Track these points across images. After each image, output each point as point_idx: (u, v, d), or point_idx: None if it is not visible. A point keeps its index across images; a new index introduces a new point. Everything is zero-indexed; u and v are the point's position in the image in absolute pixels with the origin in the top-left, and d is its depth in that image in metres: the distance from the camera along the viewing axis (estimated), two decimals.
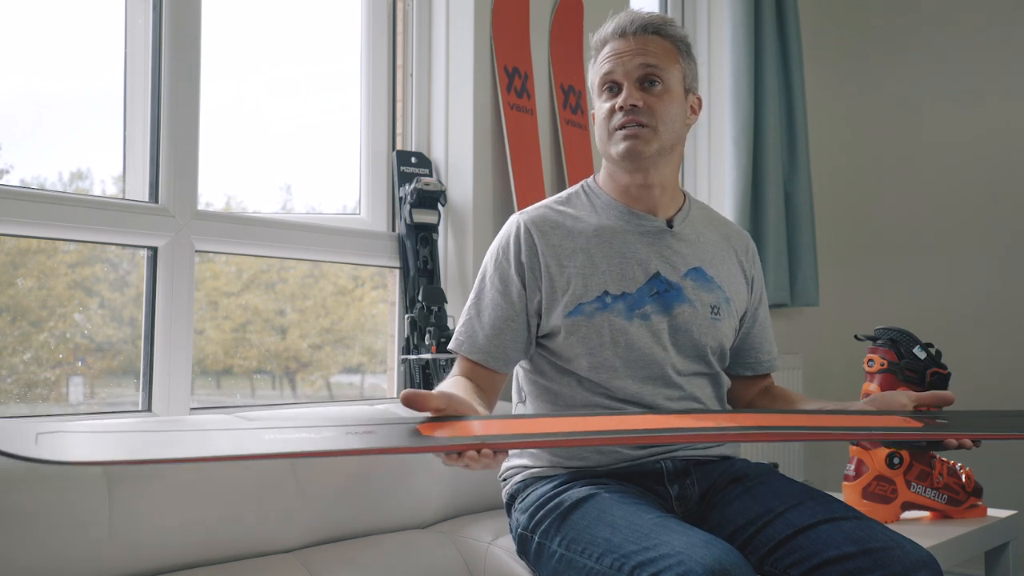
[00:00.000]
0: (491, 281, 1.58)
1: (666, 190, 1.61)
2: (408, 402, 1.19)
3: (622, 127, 1.53)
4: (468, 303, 1.60)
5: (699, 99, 1.64)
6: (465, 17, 2.30)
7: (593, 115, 1.63)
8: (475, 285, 1.61)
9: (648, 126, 1.53)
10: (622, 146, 1.54)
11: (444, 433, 1.17)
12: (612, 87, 1.56)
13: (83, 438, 1.03)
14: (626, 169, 1.57)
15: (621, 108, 1.53)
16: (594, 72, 1.60)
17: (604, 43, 1.58)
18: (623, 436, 1.30)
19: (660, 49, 1.55)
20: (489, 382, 1.56)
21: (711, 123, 3.26)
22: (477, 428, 1.21)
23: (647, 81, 1.54)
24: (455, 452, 1.14)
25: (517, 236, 1.57)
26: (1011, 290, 3.24)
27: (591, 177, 1.68)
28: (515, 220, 1.60)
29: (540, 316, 1.56)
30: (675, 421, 1.39)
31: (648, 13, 1.58)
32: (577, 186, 1.68)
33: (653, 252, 1.58)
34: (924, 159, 3.43)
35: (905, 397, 1.48)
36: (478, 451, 1.13)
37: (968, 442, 1.39)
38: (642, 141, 1.53)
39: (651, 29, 1.55)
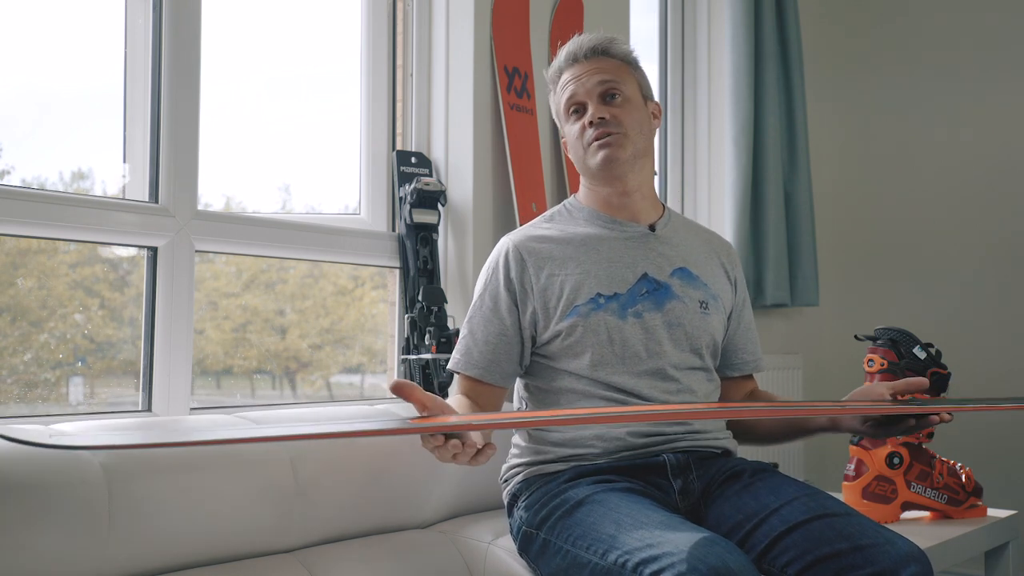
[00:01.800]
0: (482, 300, 1.65)
1: (645, 197, 1.70)
2: (396, 390, 1.25)
3: (595, 139, 1.62)
4: (463, 325, 1.67)
5: (658, 105, 1.73)
6: (465, 17, 2.30)
7: (564, 141, 1.73)
8: (469, 308, 1.67)
9: (618, 133, 1.62)
10: (599, 156, 1.62)
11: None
12: (578, 109, 1.66)
13: (94, 435, 1.08)
14: (605, 179, 1.65)
15: (591, 123, 1.62)
16: (557, 101, 1.70)
17: (560, 73, 1.69)
18: (607, 416, 1.41)
19: (611, 66, 1.66)
20: (488, 398, 1.62)
21: (711, 123, 3.26)
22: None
23: (608, 95, 1.64)
24: (441, 437, 1.21)
25: (506, 256, 1.64)
26: (1011, 290, 3.24)
27: (571, 196, 1.76)
28: (503, 242, 1.68)
29: (535, 328, 1.61)
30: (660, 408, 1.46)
31: (593, 36, 1.68)
32: (558, 206, 1.76)
33: (639, 255, 1.65)
34: (924, 159, 3.43)
35: (882, 387, 1.52)
36: (462, 443, 1.22)
37: (946, 415, 1.44)
38: (616, 147, 1.62)
39: (599, 50, 1.66)
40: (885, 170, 3.51)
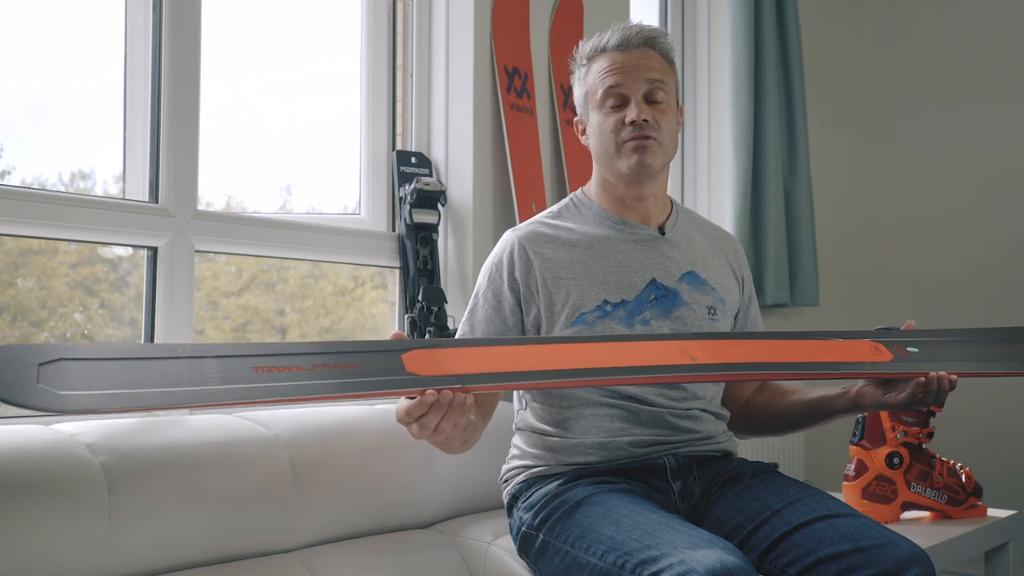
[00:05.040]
0: (484, 297, 1.60)
1: (657, 200, 1.65)
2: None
3: (632, 139, 1.55)
4: (463, 319, 1.63)
5: (681, 109, 1.67)
6: (465, 17, 2.30)
7: (578, 122, 1.64)
8: (470, 300, 1.63)
9: (656, 139, 1.56)
10: (633, 159, 1.56)
11: (428, 366, 1.23)
12: (617, 100, 1.57)
13: (86, 369, 1.04)
14: (629, 182, 1.60)
15: (632, 122, 1.54)
16: (591, 82, 1.60)
17: (598, 53, 1.60)
18: (603, 378, 1.38)
19: (659, 64, 1.59)
20: (484, 396, 1.58)
21: (711, 123, 3.26)
22: (462, 358, 1.28)
23: (652, 95, 1.56)
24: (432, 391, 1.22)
25: (511, 253, 1.59)
26: (1010, 289, 3.24)
27: (580, 190, 1.70)
28: (509, 237, 1.62)
29: (538, 330, 1.57)
30: (664, 352, 1.41)
31: (648, 27, 1.60)
32: (566, 199, 1.70)
33: (648, 259, 1.61)
34: (924, 159, 3.43)
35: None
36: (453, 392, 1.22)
37: (946, 382, 1.44)
38: (651, 154, 1.56)
39: (651, 43, 1.59)
40: (885, 170, 3.51)
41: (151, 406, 1.07)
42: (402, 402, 1.28)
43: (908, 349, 1.47)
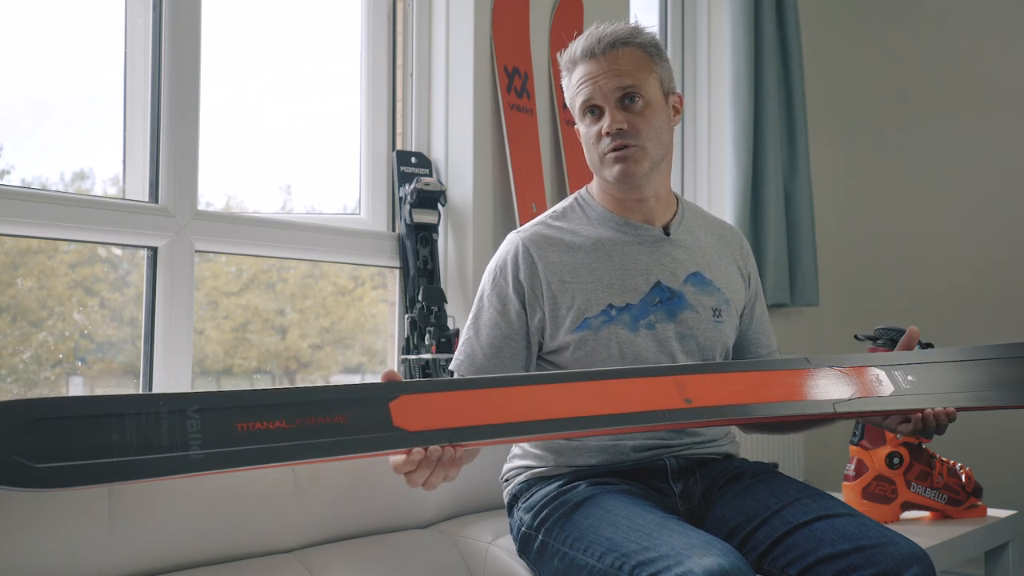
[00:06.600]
0: (489, 300, 1.58)
1: (660, 200, 1.63)
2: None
3: (611, 151, 1.53)
4: (467, 323, 1.61)
5: (679, 97, 1.62)
6: (465, 17, 2.30)
7: (577, 130, 1.63)
8: (474, 304, 1.61)
9: (636, 146, 1.53)
10: (616, 169, 1.54)
11: (416, 417, 1.19)
12: (593, 111, 1.55)
13: (62, 433, 1.01)
14: (622, 188, 1.58)
15: (608, 133, 1.53)
16: (571, 95, 1.59)
17: (574, 64, 1.58)
18: (598, 428, 1.34)
19: (632, 62, 1.54)
20: None
21: (711, 123, 3.26)
22: (451, 405, 1.24)
23: (627, 99, 1.53)
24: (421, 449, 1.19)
25: (515, 255, 1.57)
26: (1010, 289, 3.24)
27: (584, 188, 1.68)
28: (513, 239, 1.60)
29: (543, 334, 1.56)
30: (660, 392, 1.37)
31: (613, 27, 1.56)
32: (571, 199, 1.68)
33: (653, 261, 1.59)
34: (924, 159, 3.43)
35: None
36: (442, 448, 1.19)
37: (944, 417, 1.44)
38: (633, 162, 1.53)
39: (619, 43, 1.54)
40: (885, 170, 3.51)
41: (135, 479, 1.02)
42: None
43: (908, 378, 1.46)
